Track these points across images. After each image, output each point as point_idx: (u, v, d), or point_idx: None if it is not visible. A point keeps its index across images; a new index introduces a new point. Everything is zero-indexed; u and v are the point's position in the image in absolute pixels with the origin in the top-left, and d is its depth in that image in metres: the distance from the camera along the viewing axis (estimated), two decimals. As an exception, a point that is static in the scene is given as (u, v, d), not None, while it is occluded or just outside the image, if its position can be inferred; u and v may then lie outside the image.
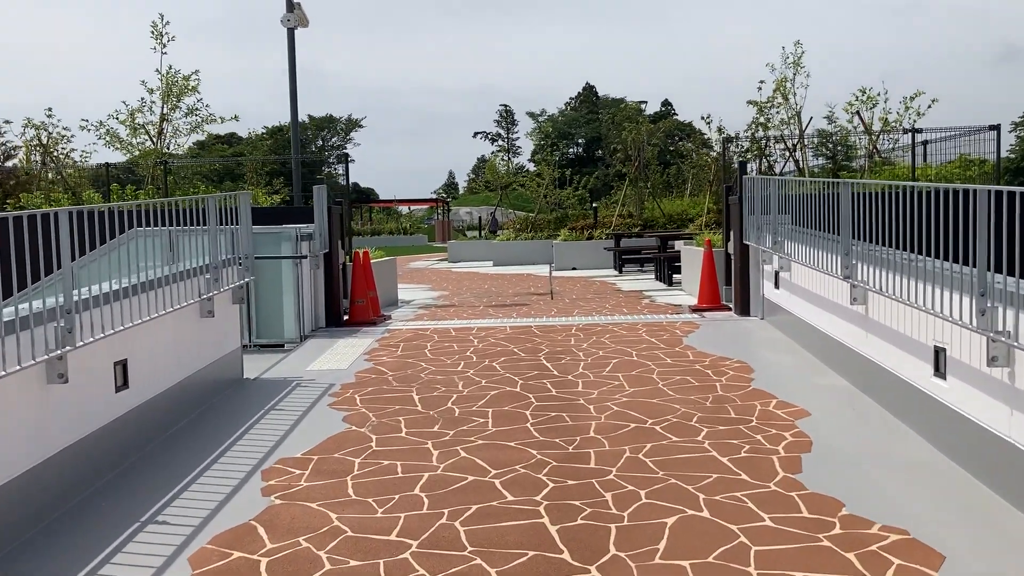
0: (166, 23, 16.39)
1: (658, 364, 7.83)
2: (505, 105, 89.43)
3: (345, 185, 14.52)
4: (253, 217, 11.24)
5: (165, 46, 16.33)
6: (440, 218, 49.64)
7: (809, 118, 16.39)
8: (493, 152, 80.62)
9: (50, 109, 17.86)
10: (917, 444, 5.34)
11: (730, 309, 10.87)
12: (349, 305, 11.01)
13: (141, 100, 16.60)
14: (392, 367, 8.08)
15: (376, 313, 11.27)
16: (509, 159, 72.41)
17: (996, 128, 13.46)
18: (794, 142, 16.25)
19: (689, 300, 12.65)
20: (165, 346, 6.20)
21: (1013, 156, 45.99)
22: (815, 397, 6.55)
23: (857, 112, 15.70)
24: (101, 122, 16.65)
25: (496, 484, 4.84)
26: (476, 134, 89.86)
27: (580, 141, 75.04)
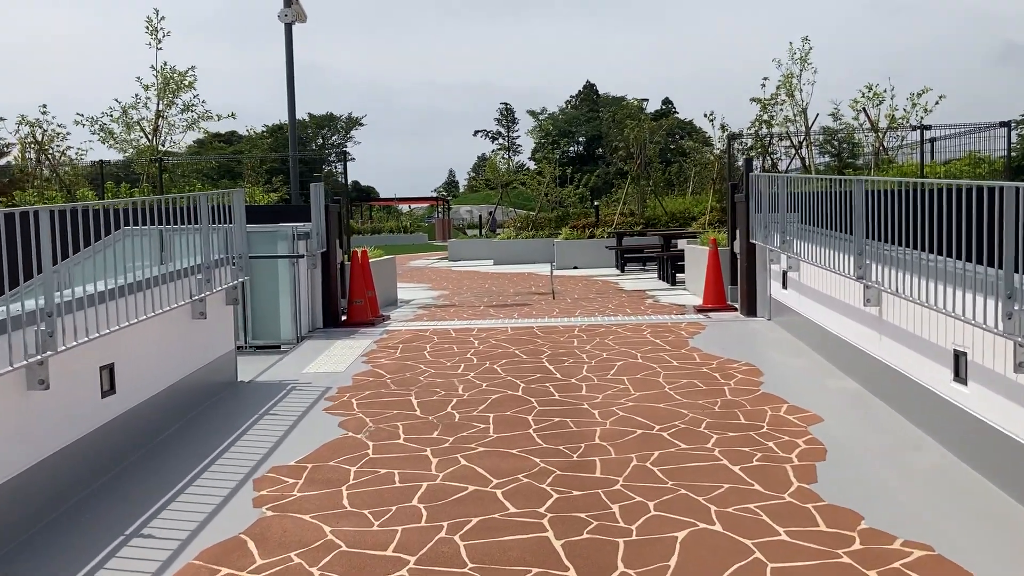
0: (161, 18, 16.20)
1: (664, 367, 7.62)
2: (505, 103, 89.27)
3: (344, 183, 14.31)
4: (249, 216, 11.03)
5: (160, 42, 16.13)
6: (440, 216, 49.45)
7: (815, 115, 16.05)
8: (494, 150, 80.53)
9: (44, 106, 17.62)
10: (936, 452, 5.13)
11: (736, 309, 10.65)
12: (347, 305, 10.79)
13: (136, 96, 16.43)
14: (390, 370, 7.87)
15: (375, 313, 11.06)
16: (510, 157, 72.22)
17: (1007, 125, 13.23)
18: (800, 139, 15.99)
19: (693, 300, 12.43)
20: (155, 349, 5.99)
21: (1014, 155, 45.92)
22: (827, 401, 6.34)
23: (863, 109, 15.50)
24: (95, 118, 16.46)
25: (498, 495, 4.64)
26: (476, 132, 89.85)
27: (581, 139, 74.90)
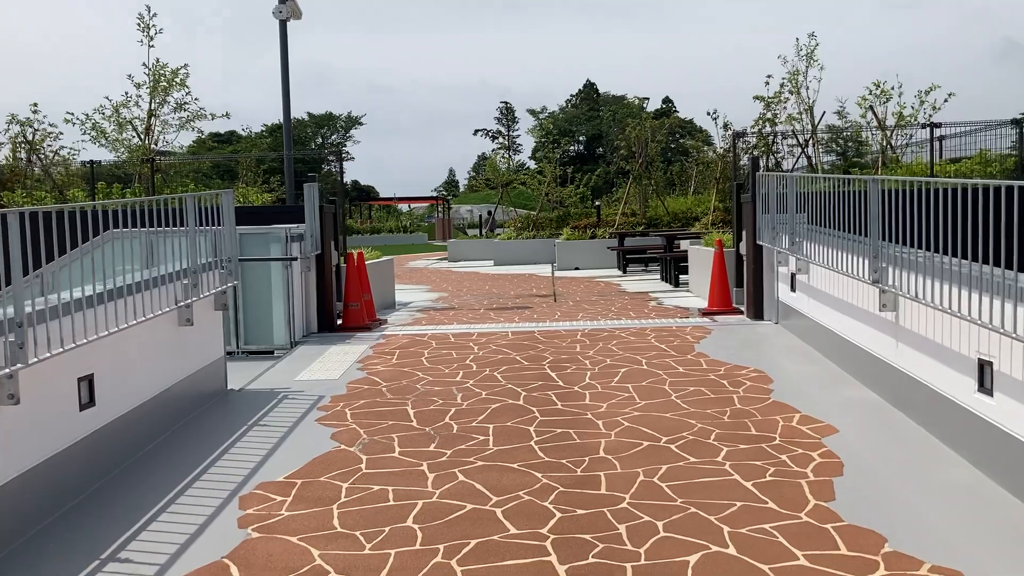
0: (153, 15, 15.92)
1: (670, 373, 7.35)
2: (506, 102, 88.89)
3: (340, 182, 14.05)
4: (242, 217, 10.79)
5: (152, 39, 15.83)
6: (440, 216, 49.17)
7: (822, 112, 15.75)
8: (494, 150, 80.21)
9: (35, 104, 17.25)
10: (961, 467, 4.86)
11: (742, 313, 10.37)
12: (343, 309, 10.52)
13: (126, 95, 16.13)
14: (386, 377, 7.60)
15: (371, 317, 10.79)
16: (510, 156, 71.90)
17: (1018, 123, 12.95)
18: (806, 137, 15.68)
19: (698, 302, 12.16)
20: (138, 358, 5.72)
21: (1015, 154, 45.60)
22: (841, 411, 6.07)
23: (871, 107, 15.20)
24: (87, 115, 16.16)
25: (497, 514, 4.37)
26: (477, 131, 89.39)
27: (581, 139, 74.68)
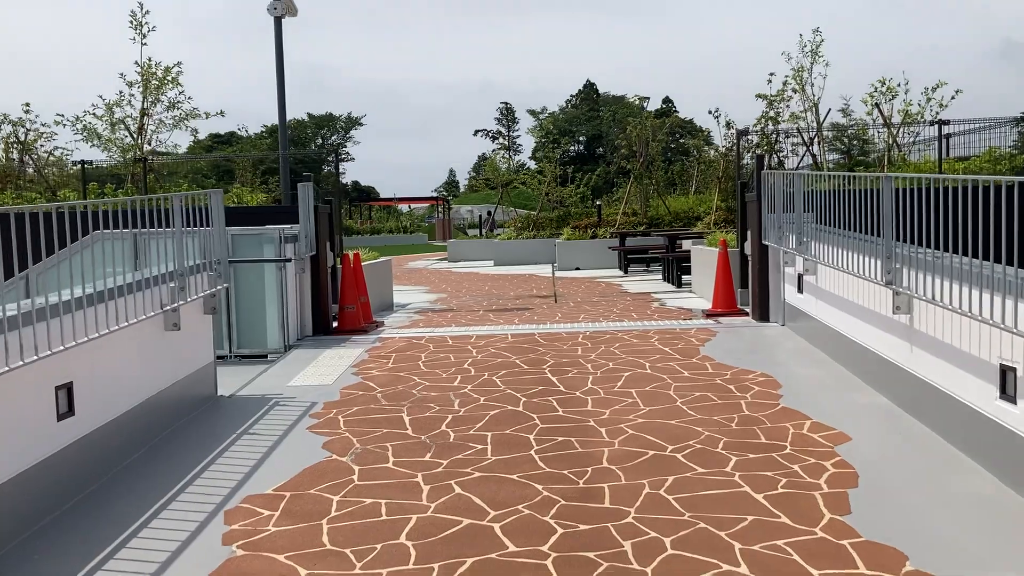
0: (146, 12, 15.66)
1: (674, 378, 7.12)
2: (506, 103, 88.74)
3: (336, 181, 13.81)
4: (237, 218, 10.57)
5: (145, 37, 15.58)
6: (440, 216, 48.96)
7: (828, 110, 15.48)
8: (494, 150, 79.95)
9: (27, 104, 16.96)
10: (980, 476, 4.64)
11: (747, 314, 10.14)
12: (338, 311, 10.28)
13: (119, 93, 15.88)
14: (381, 382, 7.37)
15: (368, 319, 10.55)
16: (510, 157, 71.67)
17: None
18: (811, 135, 15.43)
19: (701, 303, 11.93)
20: (121, 365, 5.48)
21: (1016, 152, 45.51)
22: (853, 418, 5.83)
23: (877, 104, 14.97)
24: (78, 117, 15.91)
25: (495, 530, 4.15)
26: (477, 132, 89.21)
27: (581, 139, 74.49)
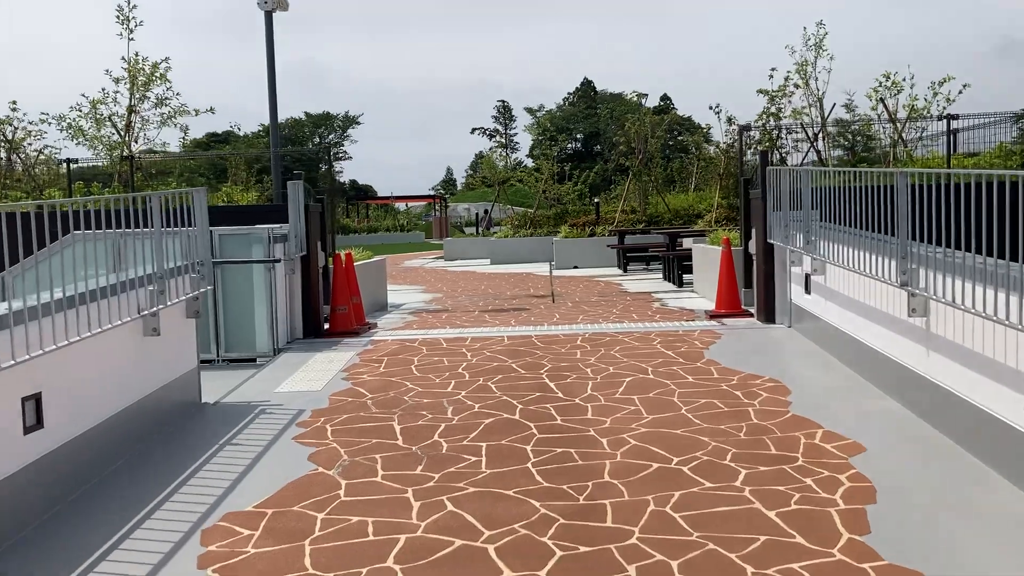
0: (133, 7, 15.34)
1: (678, 383, 6.83)
2: (503, 101, 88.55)
3: (332, 179, 13.54)
4: (226, 217, 10.26)
5: (132, 31, 15.27)
6: (438, 215, 48.63)
7: (832, 105, 15.18)
8: (491, 148, 79.61)
9: (14, 103, 16.64)
10: (1006, 490, 4.35)
11: (752, 315, 9.85)
12: (330, 313, 9.98)
13: (103, 91, 15.57)
14: (372, 388, 7.07)
15: (360, 321, 10.25)
16: (507, 154, 71.39)
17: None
18: (816, 130, 15.12)
19: (703, 304, 11.63)
20: (96, 373, 5.19)
21: (1016, 148, 45.38)
22: (868, 427, 5.54)
23: (882, 99, 14.65)
24: (63, 115, 15.59)
25: (489, 551, 3.86)
26: (474, 130, 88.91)
27: (579, 136, 74.22)
